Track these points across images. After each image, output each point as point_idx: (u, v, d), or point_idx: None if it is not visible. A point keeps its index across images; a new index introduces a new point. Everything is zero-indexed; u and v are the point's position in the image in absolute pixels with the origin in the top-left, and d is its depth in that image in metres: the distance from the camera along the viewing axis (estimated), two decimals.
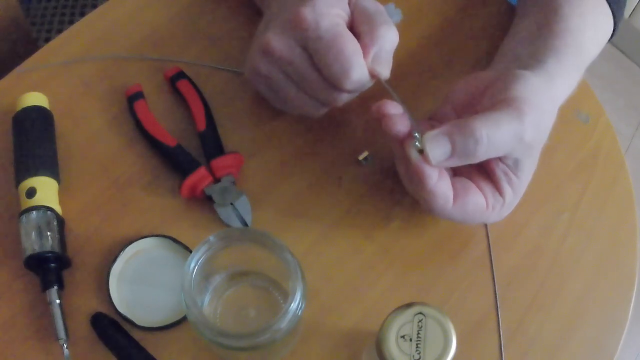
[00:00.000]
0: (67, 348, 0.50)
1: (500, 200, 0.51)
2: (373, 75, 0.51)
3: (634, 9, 1.72)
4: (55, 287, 0.52)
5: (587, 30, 0.57)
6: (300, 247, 0.57)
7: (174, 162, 0.57)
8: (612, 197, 0.61)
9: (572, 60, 0.55)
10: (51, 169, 0.56)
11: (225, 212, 0.55)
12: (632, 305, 0.57)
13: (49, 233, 0.52)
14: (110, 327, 0.52)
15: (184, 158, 0.57)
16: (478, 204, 0.50)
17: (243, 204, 0.56)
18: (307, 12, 0.49)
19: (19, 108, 0.58)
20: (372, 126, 0.61)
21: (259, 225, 0.56)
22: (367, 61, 0.51)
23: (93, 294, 0.53)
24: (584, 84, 0.66)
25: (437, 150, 0.46)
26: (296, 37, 0.51)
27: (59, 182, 0.56)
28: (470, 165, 0.51)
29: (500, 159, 0.50)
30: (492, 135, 0.45)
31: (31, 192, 0.54)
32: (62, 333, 0.50)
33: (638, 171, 0.96)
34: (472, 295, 0.56)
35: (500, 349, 0.54)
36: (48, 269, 0.52)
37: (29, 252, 0.52)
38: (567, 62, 0.54)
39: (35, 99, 0.58)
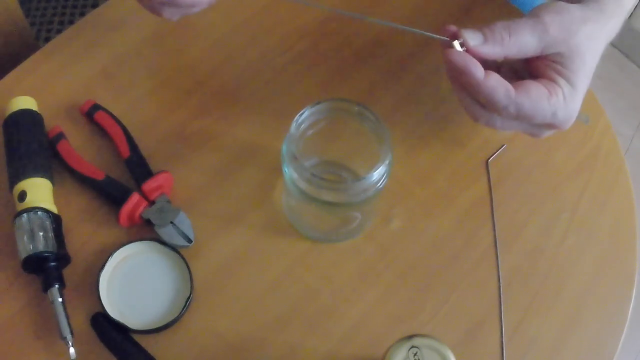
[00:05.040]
0: (72, 346, 0.50)
1: (557, 89, 0.52)
2: None
3: (634, 9, 1.72)
4: (57, 286, 0.52)
5: None
6: (299, 248, 0.57)
7: (106, 194, 0.57)
8: (612, 198, 0.61)
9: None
10: (42, 169, 0.56)
11: (167, 233, 0.55)
12: (632, 305, 0.57)
13: (41, 234, 0.52)
14: (110, 327, 0.52)
15: (115, 188, 0.56)
16: (539, 88, 0.51)
17: (182, 220, 0.56)
18: None
19: (7, 113, 0.58)
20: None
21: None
22: None
23: (91, 295, 0.53)
24: None
25: (472, 36, 0.51)
26: None
27: (52, 181, 0.56)
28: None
29: (545, 58, 0.52)
30: (512, 26, 0.51)
31: (22, 196, 0.54)
32: (66, 331, 0.50)
33: (638, 172, 0.96)
34: (472, 295, 0.56)
35: (502, 349, 0.54)
36: (47, 268, 0.52)
37: (23, 255, 0.52)
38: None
39: (23, 102, 0.58)
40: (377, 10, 0.69)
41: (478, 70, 0.50)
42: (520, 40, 0.51)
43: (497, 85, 0.50)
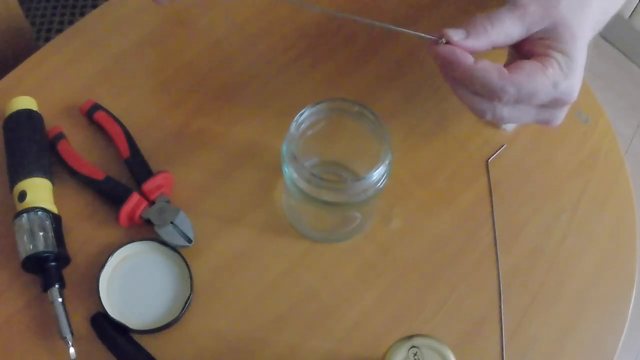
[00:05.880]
0: (72, 346, 0.50)
1: (551, 60, 0.51)
2: None
3: (634, 9, 1.72)
4: (57, 286, 0.52)
5: None
6: (299, 248, 0.57)
7: (106, 194, 0.57)
8: (612, 198, 0.61)
9: None
10: (42, 169, 0.56)
11: (167, 233, 0.55)
12: (632, 305, 0.57)
13: (41, 234, 0.52)
14: (110, 327, 0.52)
15: (115, 188, 0.56)
16: (532, 63, 0.51)
17: (182, 220, 0.56)
18: None
19: (7, 113, 0.58)
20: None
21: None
22: None
23: (91, 295, 0.53)
24: (584, 85, 0.66)
25: (455, 32, 0.51)
26: None
27: (52, 181, 0.56)
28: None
29: (533, 38, 0.52)
30: (492, 16, 0.51)
31: (22, 196, 0.54)
32: (66, 331, 0.50)
33: (638, 172, 0.96)
34: (472, 295, 0.56)
35: (502, 349, 0.54)
36: (47, 268, 0.52)
37: (22, 255, 0.52)
38: None
39: (23, 102, 0.58)
40: (375, 12, 0.69)
41: (467, 58, 0.50)
42: (503, 28, 0.51)
43: (489, 67, 0.50)
